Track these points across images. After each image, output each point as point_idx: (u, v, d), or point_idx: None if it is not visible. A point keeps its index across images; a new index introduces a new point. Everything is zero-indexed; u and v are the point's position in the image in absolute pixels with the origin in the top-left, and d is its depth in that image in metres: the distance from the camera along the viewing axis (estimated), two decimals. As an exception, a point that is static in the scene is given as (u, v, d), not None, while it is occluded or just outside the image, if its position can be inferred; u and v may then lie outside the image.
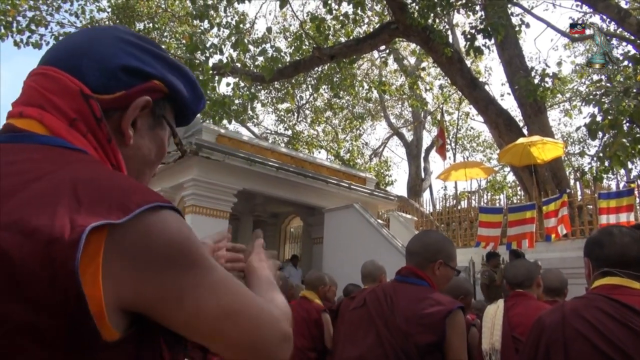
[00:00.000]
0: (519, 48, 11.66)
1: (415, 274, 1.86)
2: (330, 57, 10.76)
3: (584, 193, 10.28)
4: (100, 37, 0.72)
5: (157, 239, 0.56)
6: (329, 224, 10.03)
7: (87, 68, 0.67)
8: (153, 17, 14.60)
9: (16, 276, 0.49)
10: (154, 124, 0.75)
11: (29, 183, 0.55)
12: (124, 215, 0.53)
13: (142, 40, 0.75)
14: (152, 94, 0.72)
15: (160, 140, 0.77)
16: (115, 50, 0.70)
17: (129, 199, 0.55)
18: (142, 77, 0.71)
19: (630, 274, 1.52)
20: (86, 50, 0.69)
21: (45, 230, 0.50)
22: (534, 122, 10.85)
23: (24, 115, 0.65)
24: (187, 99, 0.78)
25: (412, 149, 21.08)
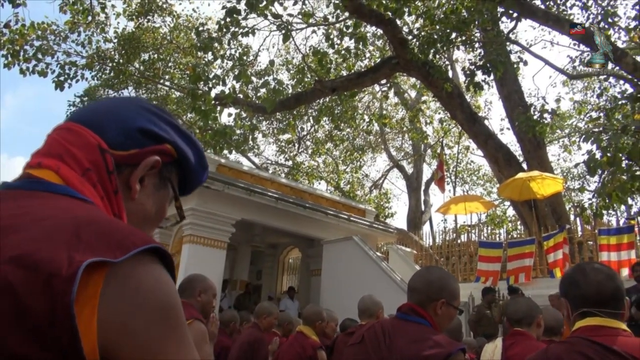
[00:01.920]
0: (518, 84, 11.83)
1: (416, 312, 1.80)
2: (331, 90, 10.90)
3: (584, 229, 10.23)
4: (123, 103, 0.82)
5: (151, 295, 0.58)
6: (327, 256, 9.94)
7: (107, 126, 0.75)
8: (158, 48, 14.88)
9: (19, 307, 0.51)
10: (160, 185, 0.81)
11: (34, 222, 0.59)
12: (122, 255, 0.56)
13: (159, 109, 0.83)
14: (162, 156, 0.78)
15: (162, 201, 0.82)
16: (135, 114, 0.78)
17: (126, 239, 0.58)
18: (155, 139, 0.78)
19: (609, 313, 1.50)
20: (109, 111, 0.78)
21: (47, 264, 0.53)
22: (533, 157, 10.91)
23: (42, 165, 0.71)
24: (193, 167, 0.85)
25: (412, 182, 21.11)
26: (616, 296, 1.55)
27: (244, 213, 8.99)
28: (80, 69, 12.93)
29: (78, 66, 12.75)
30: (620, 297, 1.56)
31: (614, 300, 1.53)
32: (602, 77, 11.87)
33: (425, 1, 9.84)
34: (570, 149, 17.36)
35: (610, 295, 1.53)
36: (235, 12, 9.03)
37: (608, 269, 1.66)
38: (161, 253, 0.62)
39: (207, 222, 8.54)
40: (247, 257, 12.15)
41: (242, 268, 12.06)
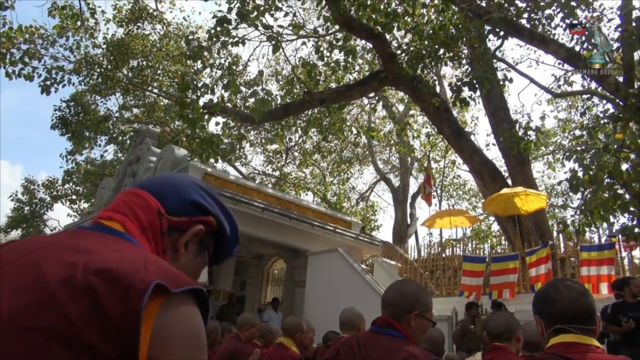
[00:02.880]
0: (504, 101, 11.99)
1: (390, 325, 1.81)
2: (320, 102, 10.95)
3: (566, 245, 10.34)
4: (181, 179, 0.99)
5: (188, 327, 0.72)
6: (312, 267, 9.91)
7: (166, 196, 0.92)
8: (147, 55, 14.84)
9: (99, 308, 0.65)
10: (199, 252, 0.95)
11: (113, 251, 0.75)
12: (177, 289, 0.71)
13: (208, 187, 1.00)
14: (206, 226, 0.93)
15: (199, 266, 0.97)
16: (189, 189, 0.95)
17: (181, 278, 0.73)
18: (203, 211, 0.94)
19: (582, 329, 1.52)
20: (169, 184, 0.96)
21: (125, 279, 0.68)
22: (517, 173, 11.03)
23: (112, 219, 0.87)
24: (228, 239, 1.00)
25: (399, 195, 21.20)
26: (588, 312, 1.57)
27: (229, 222, 8.93)
28: (68, 73, 12.84)
29: (65, 71, 12.65)
30: (592, 313, 1.59)
31: (586, 317, 1.55)
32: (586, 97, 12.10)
33: (415, 17, 9.96)
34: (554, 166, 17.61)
35: (582, 312, 1.56)
36: (225, 22, 9.05)
37: (580, 285, 1.68)
38: (201, 295, 0.76)
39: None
40: (231, 268, 12.06)
41: (226, 278, 11.96)
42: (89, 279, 0.68)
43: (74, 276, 0.68)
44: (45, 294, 0.67)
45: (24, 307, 0.66)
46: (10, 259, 0.74)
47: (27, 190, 19.88)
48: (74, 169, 17.74)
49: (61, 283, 0.68)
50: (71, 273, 0.69)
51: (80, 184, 18.47)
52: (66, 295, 0.66)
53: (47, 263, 0.72)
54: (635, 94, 6.20)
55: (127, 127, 17.79)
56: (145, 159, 10.36)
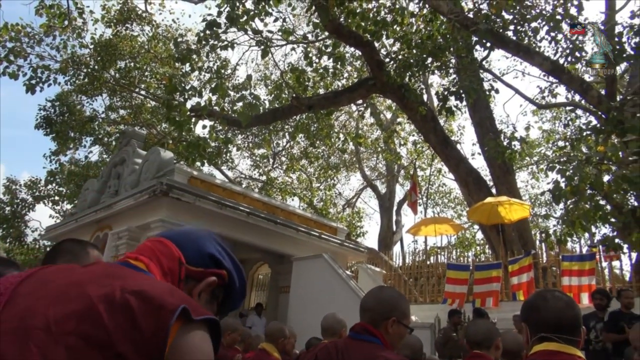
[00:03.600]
0: (490, 111, 12.15)
1: (368, 331, 1.82)
2: (308, 107, 10.98)
3: (548, 254, 10.47)
4: (202, 233, 1.09)
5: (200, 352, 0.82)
6: (296, 273, 9.89)
7: (188, 247, 1.03)
8: (135, 56, 14.74)
9: (133, 323, 0.76)
10: (209, 301, 1.05)
11: (143, 279, 0.87)
12: (197, 316, 0.82)
13: (225, 244, 1.10)
14: (218, 279, 1.03)
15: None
16: (208, 244, 1.06)
17: (201, 309, 0.85)
18: (217, 264, 1.04)
19: (566, 339, 1.54)
20: (191, 237, 1.06)
21: (157, 300, 0.79)
22: (502, 183, 11.16)
23: (138, 259, 0.98)
24: (236, 293, 1.09)
25: (385, 202, 21.28)
26: (574, 324, 1.60)
27: (215, 227, 8.87)
28: (54, 73, 12.69)
29: (51, 70, 12.51)
30: (578, 325, 1.62)
31: (571, 328, 1.58)
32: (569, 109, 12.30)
33: (403, 26, 10.06)
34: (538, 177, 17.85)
35: (568, 323, 1.59)
36: (215, 25, 9.04)
37: (568, 297, 1.71)
38: (215, 326, 0.87)
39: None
40: (215, 272, 11.97)
41: (209, 282, 11.86)
42: (126, 297, 0.79)
43: (113, 294, 0.79)
44: (86, 306, 0.78)
45: (68, 314, 0.77)
46: (54, 278, 0.87)
47: (9, 190, 19.54)
48: (57, 169, 17.50)
49: (101, 299, 0.79)
50: (110, 291, 0.80)
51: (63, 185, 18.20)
52: (105, 309, 0.77)
53: (88, 282, 0.83)
54: (616, 107, 6.33)
55: (113, 129, 17.62)
56: (131, 161, 10.26)
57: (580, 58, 7.87)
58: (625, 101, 7.00)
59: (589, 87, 7.37)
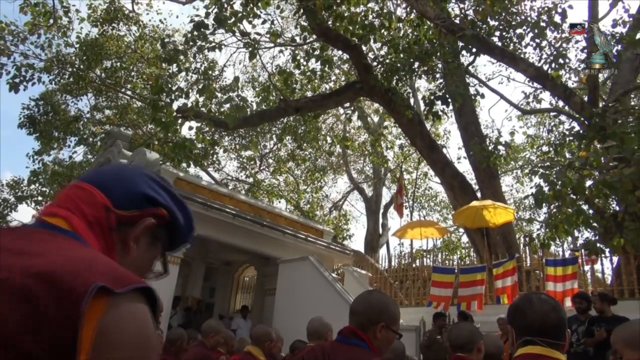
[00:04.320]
0: (475, 116, 12.27)
1: (356, 335, 1.81)
2: (295, 110, 10.98)
3: (532, 258, 10.60)
4: (130, 171, 0.95)
5: (136, 328, 0.70)
6: (282, 275, 9.87)
7: (114, 189, 0.88)
8: (121, 56, 14.61)
9: (39, 313, 0.63)
10: (151, 243, 0.93)
11: (55, 251, 0.72)
12: (122, 288, 0.69)
13: (160, 178, 0.97)
14: (157, 219, 0.90)
15: (151, 258, 0.95)
16: (139, 181, 0.92)
17: (127, 277, 0.72)
18: (153, 204, 0.91)
19: (550, 343, 1.56)
20: (117, 176, 0.92)
21: (67, 281, 0.66)
22: (487, 187, 11.28)
23: (56, 215, 0.83)
24: (182, 228, 0.98)
25: (372, 205, 21.35)
26: (559, 327, 1.62)
27: (200, 228, 8.84)
28: (38, 72, 12.54)
29: (35, 69, 12.36)
30: (562, 329, 1.64)
31: (556, 331, 1.60)
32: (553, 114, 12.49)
33: (391, 30, 10.13)
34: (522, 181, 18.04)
35: (553, 326, 1.61)
36: (203, 27, 9.01)
37: (554, 301, 1.73)
38: (150, 293, 0.74)
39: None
40: (200, 274, 11.91)
41: (194, 285, 11.79)
42: (27, 283, 0.65)
43: (13, 279, 0.65)
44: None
45: None
46: None
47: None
48: (40, 169, 17.24)
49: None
50: (9, 276, 0.65)
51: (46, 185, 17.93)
52: (3, 300, 0.63)
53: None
54: (598, 114, 6.44)
55: (98, 129, 17.43)
56: (116, 162, 10.16)
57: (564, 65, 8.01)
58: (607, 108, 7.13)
59: (572, 93, 7.50)
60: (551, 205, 6.55)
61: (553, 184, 6.05)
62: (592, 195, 6.21)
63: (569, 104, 7.73)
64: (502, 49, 8.05)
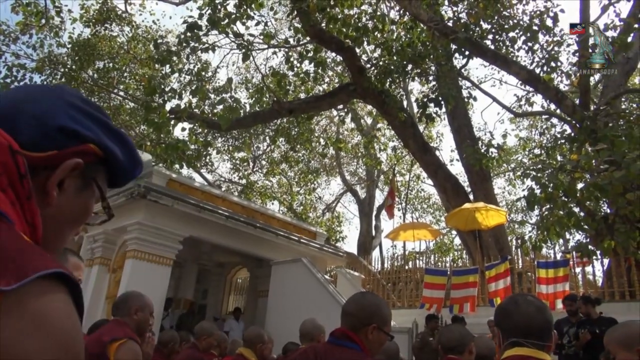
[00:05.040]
0: (468, 118, 12.33)
1: (348, 337, 1.82)
2: (289, 112, 10.99)
3: (524, 260, 10.65)
4: (43, 95, 0.72)
5: (47, 330, 0.52)
6: (275, 277, 9.85)
7: (22, 124, 0.67)
8: (114, 57, 14.55)
9: None
10: (83, 186, 0.74)
11: None
12: (16, 282, 0.51)
13: (86, 104, 0.75)
14: (85, 156, 0.71)
15: (86, 203, 0.76)
16: (56, 111, 0.70)
17: (25, 265, 0.53)
18: (78, 139, 0.71)
19: (536, 344, 1.58)
20: (26, 107, 0.69)
21: None
22: (479, 189, 11.33)
23: None
24: (123, 163, 0.79)
25: (365, 207, 21.39)
26: (544, 328, 1.64)
27: (193, 230, 8.80)
28: (30, 72, 12.45)
29: (27, 69, 12.27)
30: (548, 330, 1.65)
31: (542, 332, 1.62)
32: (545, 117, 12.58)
33: (384, 32, 10.17)
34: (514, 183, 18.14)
35: (539, 327, 1.62)
36: (196, 28, 9.00)
37: (540, 302, 1.74)
38: (64, 278, 0.56)
39: (153, 238, 8.29)
40: (193, 276, 11.86)
41: (187, 286, 11.74)
42: None
43: None
44: None
45: None
46: None
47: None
48: (32, 169, 17.12)
49: None
50: None
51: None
52: None
53: None
54: (590, 117, 6.50)
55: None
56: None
57: (556, 68, 8.07)
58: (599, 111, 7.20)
59: (563, 96, 7.55)
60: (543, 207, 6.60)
61: (545, 187, 6.10)
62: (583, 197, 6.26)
63: (560, 107, 7.78)
64: (494, 52, 8.10)
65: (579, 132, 6.66)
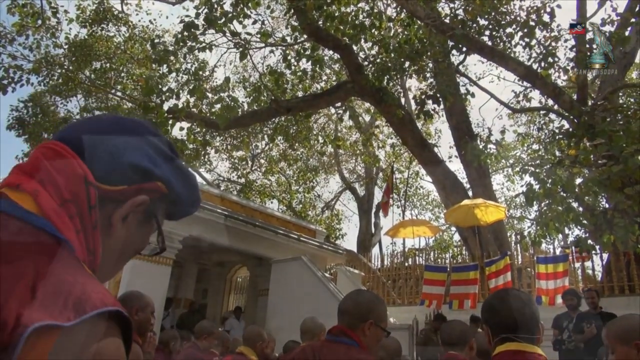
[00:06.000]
0: (466, 114, 12.32)
1: (345, 334, 1.84)
2: (287, 110, 10.98)
3: (523, 256, 10.66)
4: (120, 129, 0.75)
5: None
6: (275, 275, 9.86)
7: (98, 156, 0.70)
8: (111, 57, 14.51)
9: None
10: (144, 221, 0.77)
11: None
12: (75, 318, 0.53)
13: (158, 139, 0.78)
14: (152, 193, 0.74)
15: (144, 237, 0.80)
16: (130, 147, 0.73)
17: (85, 301, 0.55)
18: (147, 176, 0.74)
19: (526, 338, 1.59)
20: (103, 140, 0.72)
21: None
22: (478, 185, 11.33)
23: (20, 188, 0.65)
24: (184, 202, 0.82)
25: (364, 204, 21.39)
26: (532, 321, 1.65)
27: (192, 229, 8.80)
28: (26, 73, 12.42)
29: (24, 70, 12.24)
30: (535, 322, 1.67)
31: (530, 326, 1.63)
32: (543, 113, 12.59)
33: (381, 30, 10.16)
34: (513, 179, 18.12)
35: (526, 321, 1.63)
36: (193, 27, 8.98)
37: (525, 295, 1.76)
38: (119, 316, 0.59)
39: (152, 237, 8.27)
40: (193, 275, 11.86)
41: (187, 286, 11.75)
42: None
43: None
44: None
45: None
46: None
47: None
48: (30, 171, 17.07)
49: None
50: None
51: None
52: None
53: None
54: (587, 112, 6.50)
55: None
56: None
57: (553, 64, 8.07)
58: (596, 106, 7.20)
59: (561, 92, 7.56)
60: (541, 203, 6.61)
61: (543, 182, 6.11)
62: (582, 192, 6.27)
63: (558, 102, 7.79)
64: (491, 48, 8.10)
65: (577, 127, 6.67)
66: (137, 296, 2.73)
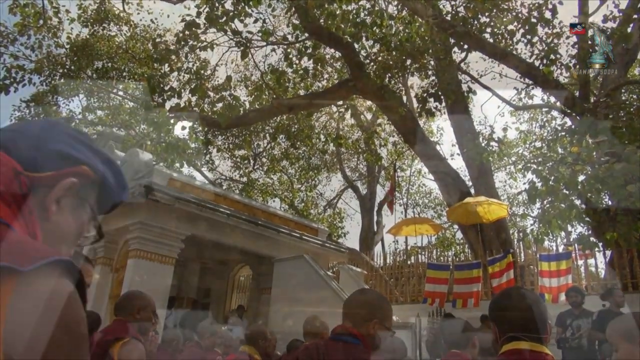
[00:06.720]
0: (468, 112, 12.30)
1: (349, 333, 1.83)
2: (288, 109, 10.97)
3: (526, 253, 10.64)
4: (40, 127, 0.84)
5: (53, 309, 0.61)
6: (278, 274, 9.87)
7: (24, 149, 0.79)
8: (113, 56, 14.52)
9: None
10: (77, 205, 0.84)
11: None
12: (29, 265, 0.60)
13: (78, 133, 0.87)
14: (79, 177, 0.81)
15: (80, 221, 0.86)
16: (52, 137, 0.82)
17: (37, 252, 0.63)
18: (72, 161, 0.81)
19: (533, 337, 1.58)
20: (26, 135, 0.81)
21: None
22: (480, 183, 11.32)
23: None
24: (112, 186, 0.89)
25: (366, 202, 21.37)
26: (540, 321, 1.65)
27: (195, 229, 8.82)
28: (28, 73, 12.44)
29: (26, 70, 12.26)
30: (544, 322, 1.66)
31: (538, 325, 1.63)
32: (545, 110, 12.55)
33: (382, 28, 10.13)
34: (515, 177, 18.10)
35: (534, 321, 1.63)
36: (194, 26, 8.98)
37: (533, 294, 1.75)
38: (68, 265, 0.65)
39: (155, 237, 8.31)
40: (195, 274, 11.87)
41: (190, 285, 11.75)
42: None
43: None
44: None
45: None
46: None
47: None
48: (32, 171, 17.12)
49: None
50: None
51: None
52: None
53: None
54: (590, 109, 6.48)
55: (91, 130, 17.34)
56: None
57: (555, 61, 8.04)
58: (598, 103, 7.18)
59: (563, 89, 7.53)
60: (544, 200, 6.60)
61: (546, 180, 6.09)
62: (585, 190, 6.25)
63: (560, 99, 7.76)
64: (493, 45, 8.08)
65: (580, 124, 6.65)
66: (138, 296, 2.74)
